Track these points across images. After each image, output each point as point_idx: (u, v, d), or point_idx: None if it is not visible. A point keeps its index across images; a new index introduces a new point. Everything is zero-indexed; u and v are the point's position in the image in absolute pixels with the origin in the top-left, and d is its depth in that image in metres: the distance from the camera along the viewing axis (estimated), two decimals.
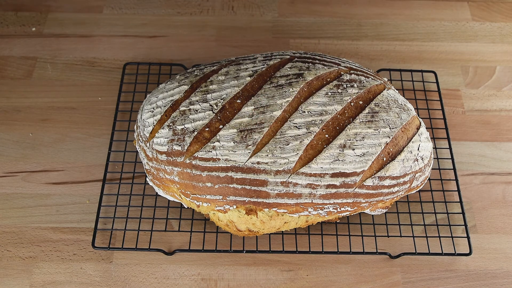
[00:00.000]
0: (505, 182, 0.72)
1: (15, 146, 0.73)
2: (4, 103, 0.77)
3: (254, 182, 0.56)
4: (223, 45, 0.86)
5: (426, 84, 0.80)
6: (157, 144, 0.58)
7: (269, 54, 0.64)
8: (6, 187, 0.70)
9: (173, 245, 0.65)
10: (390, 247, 0.66)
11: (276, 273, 0.64)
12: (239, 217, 0.59)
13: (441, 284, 0.63)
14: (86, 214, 0.68)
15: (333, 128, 0.57)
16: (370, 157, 0.56)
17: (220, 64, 0.64)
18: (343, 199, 0.57)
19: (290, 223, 0.61)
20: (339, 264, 0.65)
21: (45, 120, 0.76)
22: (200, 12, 0.90)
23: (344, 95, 0.59)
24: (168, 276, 0.63)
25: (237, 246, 0.65)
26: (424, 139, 0.60)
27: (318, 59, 0.63)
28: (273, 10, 0.91)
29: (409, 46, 0.86)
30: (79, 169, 0.72)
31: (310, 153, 0.56)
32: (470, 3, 0.93)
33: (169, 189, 0.61)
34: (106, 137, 0.74)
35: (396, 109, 0.60)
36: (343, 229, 0.66)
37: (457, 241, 0.66)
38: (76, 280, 0.62)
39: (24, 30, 0.86)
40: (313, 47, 0.86)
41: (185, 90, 0.61)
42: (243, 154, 0.55)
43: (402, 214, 0.68)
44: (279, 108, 0.57)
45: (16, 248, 0.65)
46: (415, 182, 0.60)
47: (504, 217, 0.69)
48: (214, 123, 0.57)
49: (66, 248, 0.65)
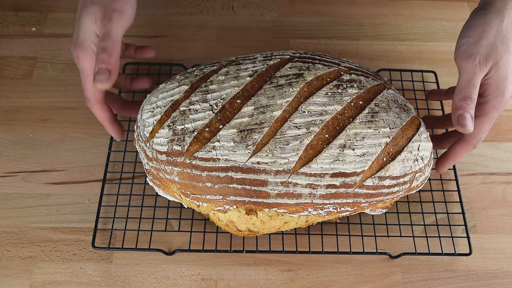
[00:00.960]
0: (505, 182, 0.72)
1: (15, 146, 0.73)
2: (4, 103, 0.77)
3: (254, 182, 0.56)
4: (223, 45, 0.86)
5: (426, 84, 0.80)
6: (157, 144, 0.58)
7: (269, 54, 0.64)
8: (6, 187, 0.70)
9: (173, 245, 0.65)
10: (390, 247, 0.66)
11: (276, 273, 0.64)
12: (239, 217, 0.59)
13: (441, 284, 0.63)
14: (86, 214, 0.68)
15: (333, 128, 0.57)
16: (370, 157, 0.56)
17: (220, 64, 0.64)
18: (343, 199, 0.57)
19: (290, 223, 0.61)
20: (339, 264, 0.65)
21: (45, 120, 0.76)
22: (200, 12, 0.90)
23: (344, 95, 0.59)
24: (168, 276, 0.63)
25: (237, 246, 0.65)
26: (424, 139, 0.60)
27: (318, 59, 0.63)
28: (273, 10, 0.91)
29: (409, 46, 0.86)
30: (79, 169, 0.72)
31: (310, 153, 0.56)
32: (470, 3, 0.93)
33: (169, 189, 0.61)
34: (106, 137, 0.74)
35: (396, 109, 0.60)
36: (343, 229, 0.66)
37: (457, 241, 0.66)
38: (76, 280, 0.62)
39: (24, 30, 0.86)
40: (313, 47, 0.86)
41: (185, 90, 0.61)
42: (243, 154, 0.55)
43: (402, 214, 0.68)
44: (279, 108, 0.57)
45: (16, 248, 0.65)
46: (415, 182, 0.60)
47: (504, 217, 0.69)
48: (214, 123, 0.57)
49: (66, 248, 0.65)
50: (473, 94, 0.57)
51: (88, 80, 0.60)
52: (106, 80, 0.56)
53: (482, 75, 0.58)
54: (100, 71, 0.56)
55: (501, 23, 0.58)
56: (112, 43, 0.57)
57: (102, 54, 0.56)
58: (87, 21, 0.58)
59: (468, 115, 0.57)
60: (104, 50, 0.56)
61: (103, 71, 0.56)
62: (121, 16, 0.58)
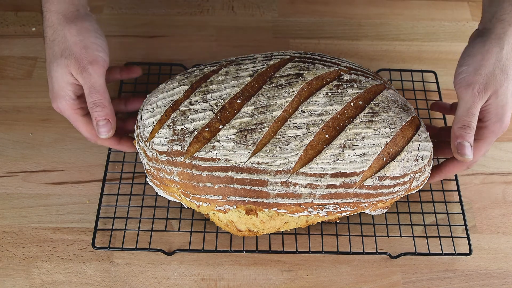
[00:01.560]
0: (505, 182, 0.72)
1: (15, 146, 0.73)
2: (4, 103, 0.77)
3: (254, 182, 0.56)
4: (223, 45, 0.86)
5: (426, 84, 0.80)
6: (157, 144, 0.58)
7: (269, 54, 0.64)
8: (6, 187, 0.70)
9: (173, 245, 0.65)
10: (390, 247, 0.66)
11: (276, 273, 0.64)
12: (239, 217, 0.59)
13: (441, 284, 0.63)
14: (86, 214, 0.68)
15: (333, 128, 0.57)
16: (370, 157, 0.56)
17: (220, 64, 0.64)
18: (343, 199, 0.57)
19: (290, 223, 0.61)
20: (339, 264, 0.65)
21: (45, 120, 0.76)
22: (200, 12, 0.90)
23: (344, 95, 0.59)
24: (168, 276, 0.63)
25: (237, 246, 0.65)
26: (424, 139, 0.60)
27: (318, 59, 0.63)
28: (273, 10, 0.91)
29: (409, 46, 0.86)
30: (79, 169, 0.72)
31: (310, 153, 0.56)
32: (470, 3, 0.93)
33: (169, 189, 0.61)
34: None
35: (396, 109, 0.60)
36: (343, 229, 0.66)
37: (457, 241, 0.66)
38: (76, 280, 0.62)
39: (24, 30, 0.86)
40: (313, 47, 0.86)
41: (185, 90, 0.61)
42: (243, 154, 0.55)
43: (402, 214, 0.68)
44: (279, 108, 0.57)
45: (16, 248, 0.65)
46: (415, 182, 0.60)
47: (504, 217, 0.69)
48: (214, 123, 0.57)
49: (66, 248, 0.65)
50: (472, 123, 0.58)
51: (79, 123, 0.63)
52: (109, 130, 0.61)
53: (481, 103, 0.58)
54: (101, 124, 0.60)
55: (501, 51, 0.58)
56: (100, 95, 0.60)
57: (96, 108, 0.59)
58: (60, 73, 0.60)
59: (468, 143, 0.58)
60: (96, 105, 0.60)
61: (103, 123, 0.60)
62: (97, 65, 0.60)
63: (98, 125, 0.60)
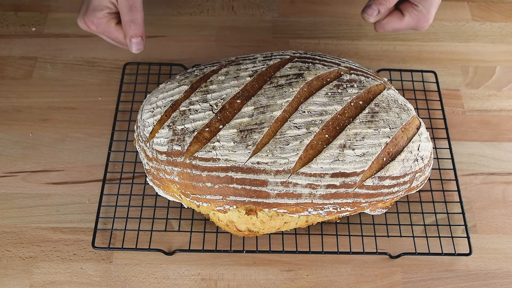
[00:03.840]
0: (505, 182, 0.72)
1: (15, 146, 0.73)
2: (4, 103, 0.77)
3: (254, 182, 0.56)
4: (223, 45, 0.86)
5: (426, 84, 0.80)
6: (157, 144, 0.58)
7: (269, 54, 0.64)
8: (6, 187, 0.70)
9: (173, 245, 0.65)
10: (390, 247, 0.66)
11: (276, 273, 0.64)
12: (239, 217, 0.59)
13: (441, 284, 0.63)
14: (86, 214, 0.68)
15: (333, 128, 0.57)
16: (370, 157, 0.56)
17: (220, 64, 0.64)
18: (343, 199, 0.57)
19: (290, 223, 0.61)
20: (339, 264, 0.65)
21: (45, 120, 0.76)
22: (200, 12, 0.90)
23: (344, 95, 0.59)
24: (168, 276, 0.63)
25: (237, 246, 0.65)
26: (424, 139, 0.60)
27: (318, 59, 0.63)
28: (273, 10, 0.91)
29: (409, 46, 0.86)
30: (79, 169, 0.72)
31: (310, 153, 0.56)
32: (470, 3, 0.93)
33: (169, 189, 0.61)
34: (106, 137, 0.74)
35: (396, 109, 0.60)
36: (343, 229, 0.66)
37: (457, 241, 0.66)
38: (76, 280, 0.62)
39: (24, 30, 0.86)
40: (313, 47, 0.86)
41: (185, 90, 0.61)
42: (243, 154, 0.55)
43: (402, 214, 0.68)
44: (279, 108, 0.57)
45: (16, 248, 0.65)
46: (415, 182, 0.60)
47: (504, 217, 0.69)
48: (214, 123, 0.57)
49: (66, 248, 0.65)
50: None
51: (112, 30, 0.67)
52: (142, 45, 0.66)
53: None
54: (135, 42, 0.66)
55: None
56: (138, 13, 0.65)
57: (134, 26, 0.65)
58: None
59: (376, 8, 0.65)
60: (134, 22, 0.64)
61: (137, 40, 0.66)
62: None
63: (131, 41, 0.65)
